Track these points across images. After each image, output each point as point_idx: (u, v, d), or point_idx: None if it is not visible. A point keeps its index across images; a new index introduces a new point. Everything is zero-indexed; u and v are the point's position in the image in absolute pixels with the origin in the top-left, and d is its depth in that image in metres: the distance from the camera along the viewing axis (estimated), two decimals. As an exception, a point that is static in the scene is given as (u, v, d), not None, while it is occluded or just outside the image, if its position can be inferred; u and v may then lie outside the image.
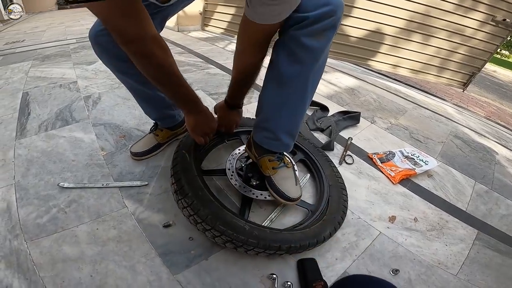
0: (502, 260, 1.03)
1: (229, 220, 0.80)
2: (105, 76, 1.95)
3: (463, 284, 0.91)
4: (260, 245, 0.78)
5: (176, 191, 0.87)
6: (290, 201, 0.95)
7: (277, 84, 0.83)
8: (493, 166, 1.61)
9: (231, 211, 0.84)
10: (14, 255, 0.81)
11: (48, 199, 0.98)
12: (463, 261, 0.99)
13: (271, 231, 0.83)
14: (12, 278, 0.75)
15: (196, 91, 1.78)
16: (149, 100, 1.13)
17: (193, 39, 3.27)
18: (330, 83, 2.42)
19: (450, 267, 0.96)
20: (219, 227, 0.78)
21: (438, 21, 2.88)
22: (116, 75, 1.02)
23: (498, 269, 0.99)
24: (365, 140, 1.59)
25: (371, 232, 1.03)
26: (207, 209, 0.81)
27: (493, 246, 1.07)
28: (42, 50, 2.52)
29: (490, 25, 2.89)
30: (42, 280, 0.75)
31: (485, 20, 2.86)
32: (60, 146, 1.23)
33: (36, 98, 1.61)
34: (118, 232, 0.90)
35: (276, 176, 0.96)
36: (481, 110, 4.08)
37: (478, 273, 0.96)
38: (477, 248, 1.05)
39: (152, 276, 0.79)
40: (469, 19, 2.85)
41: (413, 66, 3.21)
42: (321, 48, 0.73)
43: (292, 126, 0.92)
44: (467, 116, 2.60)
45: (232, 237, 0.78)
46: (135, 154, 1.18)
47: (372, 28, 2.97)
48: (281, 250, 0.81)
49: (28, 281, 0.75)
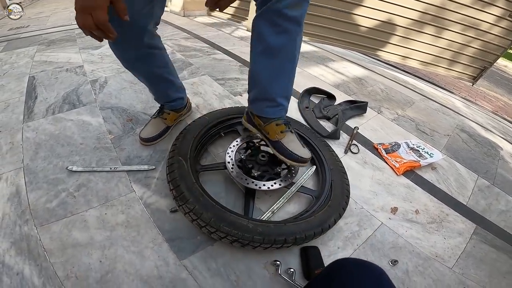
0: (497, 255, 1.04)
1: (233, 221, 0.81)
2: (111, 60, 1.94)
3: (457, 277, 0.94)
4: (266, 240, 0.79)
5: (176, 197, 0.87)
6: (302, 161, 0.96)
7: (268, 56, 0.88)
8: (496, 161, 1.61)
9: (233, 212, 0.84)
10: (25, 241, 0.82)
11: (57, 183, 0.99)
12: (459, 255, 1.01)
13: (275, 225, 0.84)
14: (23, 265, 0.77)
15: (202, 76, 1.81)
16: (161, 85, 1.14)
17: (199, 24, 3.22)
18: (337, 72, 2.39)
19: (447, 260, 0.98)
20: (224, 228, 0.79)
21: (454, 14, 2.80)
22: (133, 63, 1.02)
23: (492, 264, 1.01)
24: (371, 130, 1.59)
25: (373, 223, 1.05)
26: (209, 212, 0.81)
27: (490, 241, 1.09)
28: (47, 35, 2.49)
29: (507, 20, 2.81)
30: (53, 266, 0.77)
31: (503, 15, 2.78)
32: (68, 129, 1.24)
33: (43, 82, 1.61)
34: (127, 217, 0.92)
35: (285, 139, 0.98)
36: (489, 104, 4.02)
37: (472, 267, 0.98)
38: (474, 242, 1.07)
39: (159, 261, 0.82)
40: (486, 13, 2.77)
41: (424, 58, 3.15)
42: (301, 16, 0.81)
43: (288, 91, 0.99)
44: (474, 110, 2.57)
45: (238, 236, 0.78)
46: (146, 140, 1.18)
47: (384, 19, 2.90)
48: (288, 243, 0.82)
49: (39, 267, 0.76)
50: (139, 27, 0.86)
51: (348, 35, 3.02)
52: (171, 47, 2.29)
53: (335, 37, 3.02)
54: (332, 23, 2.92)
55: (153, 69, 1.05)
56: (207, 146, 1.21)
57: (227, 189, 1.07)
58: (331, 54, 2.90)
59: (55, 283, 0.73)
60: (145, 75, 1.08)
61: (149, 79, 1.11)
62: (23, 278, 0.74)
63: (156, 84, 1.15)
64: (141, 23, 0.86)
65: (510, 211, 1.26)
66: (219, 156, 1.21)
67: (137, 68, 1.05)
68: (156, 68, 1.06)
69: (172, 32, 2.75)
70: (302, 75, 2.13)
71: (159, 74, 1.08)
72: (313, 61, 2.52)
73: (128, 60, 0.99)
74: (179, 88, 1.22)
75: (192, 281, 0.78)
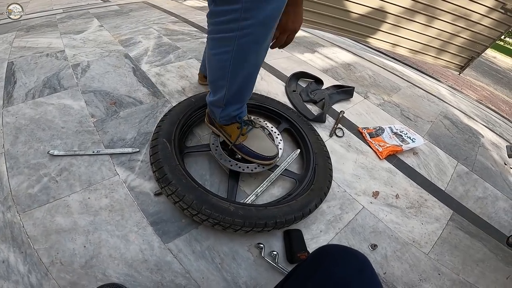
0: (471, 242, 1.08)
1: (214, 203, 0.81)
2: (95, 44, 1.88)
3: (432, 263, 0.97)
4: (247, 224, 0.80)
5: (159, 179, 0.87)
6: (269, 160, 0.97)
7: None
8: (476, 148, 1.65)
9: (215, 194, 0.85)
10: (8, 228, 0.81)
11: (39, 168, 0.97)
12: (436, 241, 1.04)
13: (257, 209, 0.85)
14: (8, 252, 0.76)
15: (189, 60, 1.78)
16: None
17: (188, 8, 3.13)
18: (326, 57, 2.38)
19: (423, 245, 1.02)
20: (205, 211, 0.79)
21: (446, 4, 2.80)
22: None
23: (466, 251, 1.05)
24: (357, 115, 1.61)
25: (355, 206, 1.07)
26: (191, 194, 0.82)
27: (465, 228, 1.13)
28: (26, 21, 2.38)
29: (498, 12, 2.83)
30: (37, 253, 0.76)
31: (495, 7, 2.79)
32: (48, 114, 1.21)
33: (22, 67, 1.55)
34: (110, 200, 0.91)
35: (248, 140, 0.98)
36: (474, 93, 4.09)
37: (447, 253, 1.02)
38: (450, 228, 1.11)
39: (144, 245, 0.82)
40: (478, 4, 2.78)
41: (413, 46, 3.16)
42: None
43: (250, 92, 0.93)
44: (459, 98, 2.62)
45: (219, 219, 0.79)
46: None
47: (376, 6, 2.88)
48: (268, 227, 0.83)
49: (24, 254, 0.76)
50: None
51: (339, 21, 2.99)
52: (157, 31, 2.23)
53: (327, 23, 2.99)
54: (324, 9, 2.88)
55: None
56: (193, 128, 1.20)
57: (212, 172, 1.07)
58: (322, 39, 2.88)
59: (41, 270, 0.73)
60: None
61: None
62: (9, 265, 0.73)
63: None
64: None
65: (487, 198, 1.30)
66: (205, 138, 1.20)
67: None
68: None
69: (159, 16, 2.67)
70: (291, 60, 2.12)
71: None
72: (303, 46, 2.50)
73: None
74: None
75: (177, 264, 0.80)
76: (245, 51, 0.74)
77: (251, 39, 0.71)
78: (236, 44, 0.72)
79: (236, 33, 0.69)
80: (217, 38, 0.76)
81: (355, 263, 0.48)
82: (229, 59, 0.76)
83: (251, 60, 0.78)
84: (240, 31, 0.69)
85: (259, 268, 0.83)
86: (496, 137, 1.92)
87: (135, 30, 2.23)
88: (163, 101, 1.37)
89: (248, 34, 0.69)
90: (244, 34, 0.69)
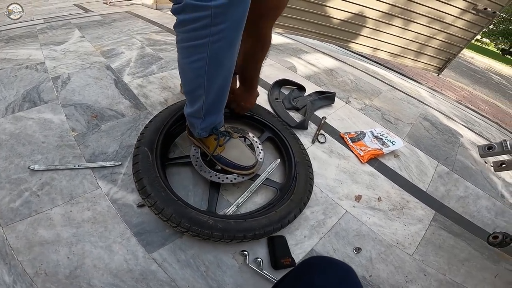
0: (455, 241, 1.11)
1: (193, 217, 0.82)
2: (75, 56, 1.86)
3: (417, 264, 0.99)
4: (225, 236, 0.82)
5: (139, 191, 0.87)
6: (248, 169, 0.98)
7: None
8: (456, 148, 1.71)
9: (194, 207, 0.86)
10: None
11: (20, 183, 0.97)
12: (419, 242, 1.07)
13: (235, 221, 0.86)
14: None
15: (172, 70, 1.78)
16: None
17: (172, 18, 3.09)
18: (309, 63, 2.43)
19: (407, 247, 1.04)
20: (184, 224, 0.80)
21: (420, 7, 2.90)
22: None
23: (450, 251, 1.07)
24: (339, 120, 1.65)
25: (338, 211, 1.09)
26: (170, 207, 0.82)
27: (448, 228, 1.15)
28: (6, 32, 2.33)
29: (470, 13, 2.94)
30: (21, 264, 0.76)
31: (466, 8, 2.91)
32: (28, 128, 1.19)
33: (2, 80, 1.52)
34: (93, 213, 0.91)
35: (226, 151, 0.99)
36: (454, 94, 4.23)
37: (432, 254, 1.04)
38: (433, 229, 1.13)
39: (128, 255, 0.82)
40: (450, 6, 2.89)
41: (392, 50, 3.25)
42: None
43: (226, 99, 0.92)
44: (439, 99, 2.71)
45: (198, 232, 0.80)
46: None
47: (356, 11, 2.96)
48: (247, 239, 0.84)
49: (8, 265, 0.76)
50: None
51: (321, 27, 3.05)
52: (140, 41, 2.23)
53: (309, 29, 3.05)
54: (306, 15, 2.94)
55: None
56: (176, 139, 1.21)
57: (196, 182, 1.07)
58: (305, 46, 2.93)
59: (25, 280, 0.73)
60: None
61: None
62: (-5, 277, 0.73)
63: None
64: None
65: (468, 197, 1.34)
66: (187, 149, 1.20)
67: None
68: None
69: (142, 26, 2.66)
70: (274, 67, 2.15)
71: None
72: (286, 53, 2.55)
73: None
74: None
75: (162, 273, 0.80)
76: (219, 55, 0.74)
77: (224, 43, 0.71)
78: (210, 50, 0.71)
79: (209, 38, 0.69)
80: (188, 46, 0.75)
81: (338, 273, 0.49)
82: (203, 66, 0.75)
83: (226, 63, 0.78)
84: (213, 36, 0.68)
85: (245, 275, 0.84)
86: (475, 136, 1.99)
87: (118, 40, 2.21)
88: (145, 113, 1.37)
89: (221, 39, 0.70)
90: (217, 39, 0.69)
